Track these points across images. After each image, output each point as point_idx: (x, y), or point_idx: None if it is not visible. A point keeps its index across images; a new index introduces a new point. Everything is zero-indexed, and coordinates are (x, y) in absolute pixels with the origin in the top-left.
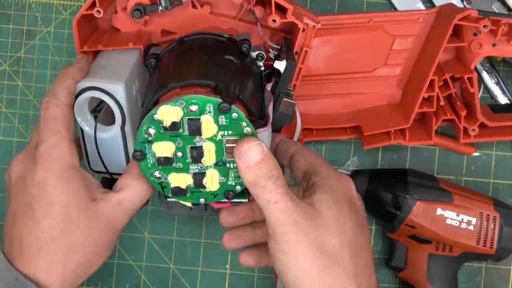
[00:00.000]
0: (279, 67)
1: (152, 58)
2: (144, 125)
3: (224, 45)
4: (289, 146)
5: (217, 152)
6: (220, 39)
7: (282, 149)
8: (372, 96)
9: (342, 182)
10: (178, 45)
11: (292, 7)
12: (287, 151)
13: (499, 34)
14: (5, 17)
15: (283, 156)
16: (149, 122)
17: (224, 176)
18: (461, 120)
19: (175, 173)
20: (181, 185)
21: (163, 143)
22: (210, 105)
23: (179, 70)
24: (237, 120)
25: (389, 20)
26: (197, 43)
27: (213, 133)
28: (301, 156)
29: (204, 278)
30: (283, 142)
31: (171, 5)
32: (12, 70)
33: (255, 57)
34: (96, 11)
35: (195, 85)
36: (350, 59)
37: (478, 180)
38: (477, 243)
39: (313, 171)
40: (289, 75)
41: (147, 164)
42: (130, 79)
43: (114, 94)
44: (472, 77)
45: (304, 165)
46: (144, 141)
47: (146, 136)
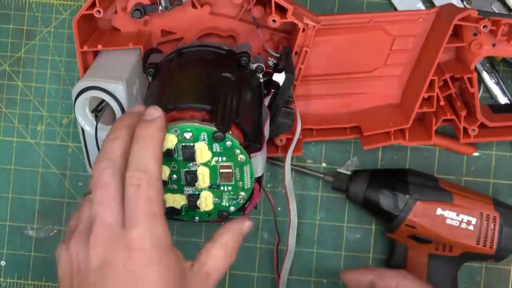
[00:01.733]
0: (278, 79)
1: (151, 68)
2: None
3: (223, 58)
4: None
5: (211, 176)
6: (219, 52)
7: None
8: (372, 96)
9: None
10: (177, 57)
11: (292, 7)
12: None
13: (499, 34)
14: (5, 17)
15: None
16: None
17: (218, 198)
18: (461, 120)
19: (170, 194)
20: (176, 205)
21: None
22: (204, 133)
23: (176, 90)
24: (231, 148)
25: (389, 20)
26: (196, 57)
27: (207, 159)
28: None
29: None
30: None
31: (171, 5)
32: (12, 70)
33: (254, 70)
34: (96, 11)
35: (191, 109)
36: (350, 59)
37: (478, 180)
38: (477, 243)
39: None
40: (288, 88)
41: None
42: (130, 79)
43: (115, 94)
44: (472, 77)
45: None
46: None
47: None
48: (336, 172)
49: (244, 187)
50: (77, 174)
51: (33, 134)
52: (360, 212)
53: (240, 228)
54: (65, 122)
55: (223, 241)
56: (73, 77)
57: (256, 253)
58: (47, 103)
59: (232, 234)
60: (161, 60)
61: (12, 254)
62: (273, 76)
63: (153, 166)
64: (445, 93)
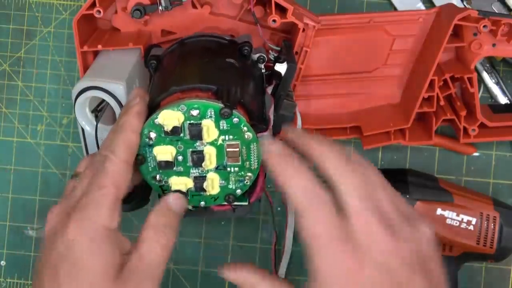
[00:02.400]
0: (280, 69)
1: (153, 60)
2: (145, 129)
3: (225, 47)
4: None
5: (218, 156)
6: (221, 41)
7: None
8: (372, 96)
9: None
10: (179, 47)
11: (292, 7)
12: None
13: (499, 34)
14: (5, 17)
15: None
16: (150, 126)
17: (224, 180)
18: (461, 120)
19: (176, 177)
20: (182, 188)
21: (164, 147)
22: (211, 110)
23: (180, 73)
24: (238, 125)
25: (389, 20)
26: (199, 45)
27: (214, 138)
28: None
29: (204, 278)
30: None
31: (171, 5)
32: (12, 70)
33: (256, 60)
34: (96, 11)
35: (196, 89)
36: (350, 59)
37: (478, 180)
38: (477, 243)
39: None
40: (290, 78)
41: (147, 167)
42: (130, 79)
43: (115, 94)
44: (472, 77)
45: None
46: (145, 145)
47: (147, 140)
48: None
49: (251, 167)
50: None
51: (33, 134)
52: None
53: (165, 203)
54: (65, 122)
55: (150, 221)
56: (73, 77)
57: (256, 253)
58: (47, 103)
59: (157, 212)
60: (162, 52)
61: (12, 254)
62: (275, 66)
63: (120, 147)
64: (445, 93)
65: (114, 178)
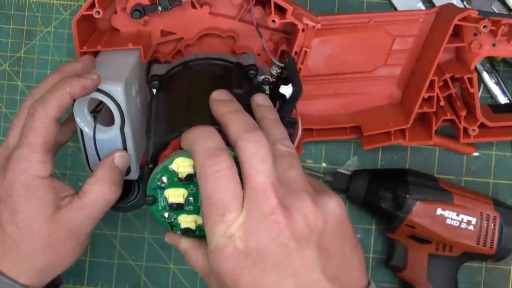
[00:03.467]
0: (285, 92)
1: (155, 81)
2: (158, 174)
3: (232, 72)
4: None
5: None
6: (227, 65)
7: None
8: (372, 96)
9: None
10: (184, 70)
11: (292, 8)
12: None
13: (499, 34)
14: (5, 17)
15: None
16: (163, 171)
17: None
18: (461, 120)
19: (186, 215)
20: (191, 226)
21: (176, 189)
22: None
23: (189, 112)
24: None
25: (389, 20)
26: (205, 72)
27: None
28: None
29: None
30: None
31: (171, 6)
32: (12, 70)
33: (261, 81)
34: (96, 11)
35: None
36: (350, 59)
37: (478, 180)
38: (477, 243)
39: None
40: (295, 101)
41: (157, 207)
42: (129, 80)
43: (113, 95)
44: (472, 77)
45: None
46: (156, 188)
47: (158, 184)
48: (336, 172)
49: None
50: (77, 174)
51: None
52: (360, 212)
53: (111, 160)
54: None
55: (97, 176)
56: None
57: None
58: None
59: (104, 168)
60: (165, 71)
61: None
62: (280, 89)
63: (52, 105)
64: (445, 93)
65: (43, 134)
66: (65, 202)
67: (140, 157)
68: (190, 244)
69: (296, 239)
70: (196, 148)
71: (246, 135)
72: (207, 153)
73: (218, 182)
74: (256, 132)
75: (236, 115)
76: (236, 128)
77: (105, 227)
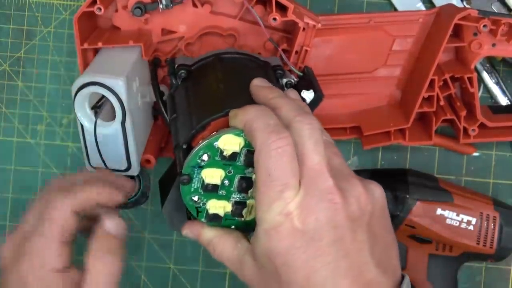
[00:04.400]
0: (306, 97)
1: (183, 69)
2: (200, 150)
3: (263, 69)
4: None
5: None
6: (257, 62)
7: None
8: (372, 96)
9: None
10: (217, 61)
11: (293, 6)
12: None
13: (499, 34)
14: (5, 17)
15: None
16: (206, 149)
17: None
18: (461, 120)
19: (216, 200)
20: (219, 212)
21: (214, 169)
22: None
23: (230, 93)
24: None
25: (389, 21)
26: (239, 64)
27: None
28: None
29: (204, 278)
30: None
31: (172, 4)
32: (12, 70)
33: (284, 84)
34: (97, 8)
35: None
36: (350, 60)
37: (478, 180)
38: (477, 243)
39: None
40: (315, 107)
41: (190, 188)
42: (131, 75)
43: (115, 89)
44: (472, 77)
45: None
46: (195, 166)
47: (198, 161)
48: None
49: None
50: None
51: (33, 134)
52: None
53: (104, 231)
54: (65, 122)
55: (93, 250)
56: (73, 77)
57: None
58: (47, 103)
59: (99, 240)
60: (192, 63)
61: None
62: (302, 93)
63: (75, 196)
64: (445, 93)
65: (60, 224)
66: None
67: (140, 153)
68: (215, 233)
69: (350, 220)
70: (256, 124)
71: (300, 118)
72: (270, 128)
73: (280, 157)
74: (308, 115)
75: (286, 99)
76: (289, 111)
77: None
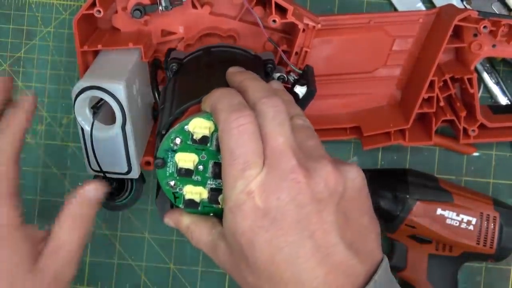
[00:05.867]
0: (298, 91)
1: (174, 63)
2: (172, 133)
3: (251, 61)
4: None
5: None
6: (247, 55)
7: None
8: (372, 96)
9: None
10: (205, 54)
11: (293, 8)
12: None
13: (499, 35)
14: (5, 17)
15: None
16: (178, 132)
17: None
18: (461, 121)
19: (192, 186)
20: (195, 198)
21: (187, 154)
22: None
23: (210, 81)
24: None
25: (389, 21)
26: (226, 56)
27: None
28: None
29: (204, 278)
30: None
31: (171, 5)
32: (12, 70)
33: (276, 79)
34: (96, 10)
35: None
36: (350, 60)
37: (478, 180)
38: (477, 243)
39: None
40: (308, 102)
41: (165, 172)
42: (130, 78)
43: (115, 93)
44: (472, 78)
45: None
46: (168, 149)
47: (171, 145)
48: None
49: None
50: (77, 174)
51: (33, 134)
52: None
53: (83, 194)
54: (65, 122)
55: (68, 211)
56: (73, 77)
57: None
58: (47, 103)
59: (75, 202)
60: (184, 56)
61: None
62: (295, 88)
63: (5, 151)
64: (445, 93)
65: (7, 184)
66: (41, 248)
67: (141, 155)
68: (192, 220)
69: (315, 200)
70: (219, 105)
71: (265, 100)
72: (232, 107)
73: (241, 135)
74: (275, 98)
75: (255, 81)
76: (255, 92)
77: (105, 227)
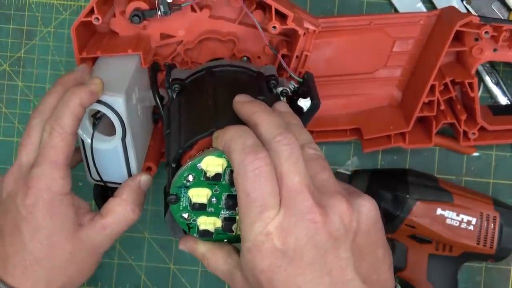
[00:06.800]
0: (303, 105)
1: (176, 84)
2: (185, 171)
3: (254, 80)
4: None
5: None
6: (249, 73)
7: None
8: (372, 97)
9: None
10: (207, 76)
11: (293, 15)
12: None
13: (501, 40)
14: (5, 17)
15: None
16: (190, 170)
17: None
18: (461, 124)
19: (205, 216)
20: (210, 228)
21: (200, 189)
22: None
23: (216, 108)
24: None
25: (390, 23)
26: (229, 77)
27: None
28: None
29: (204, 278)
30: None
31: (170, 10)
32: (12, 70)
33: (280, 93)
34: (95, 18)
35: None
36: (350, 61)
37: (478, 180)
38: (477, 243)
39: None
40: (312, 115)
41: (179, 206)
42: (130, 88)
43: (114, 107)
44: (473, 82)
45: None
46: (181, 186)
47: (184, 182)
48: (336, 172)
49: None
50: (77, 174)
51: None
52: None
53: (137, 183)
54: None
55: (122, 197)
56: None
57: None
58: None
59: (130, 189)
60: (186, 76)
61: None
62: (299, 101)
63: (68, 120)
64: (446, 96)
65: (64, 151)
66: (86, 220)
67: (141, 162)
68: (208, 248)
69: (332, 238)
70: (234, 145)
71: (279, 137)
72: (247, 149)
73: (258, 178)
74: (288, 135)
75: (266, 114)
76: (268, 128)
77: None
